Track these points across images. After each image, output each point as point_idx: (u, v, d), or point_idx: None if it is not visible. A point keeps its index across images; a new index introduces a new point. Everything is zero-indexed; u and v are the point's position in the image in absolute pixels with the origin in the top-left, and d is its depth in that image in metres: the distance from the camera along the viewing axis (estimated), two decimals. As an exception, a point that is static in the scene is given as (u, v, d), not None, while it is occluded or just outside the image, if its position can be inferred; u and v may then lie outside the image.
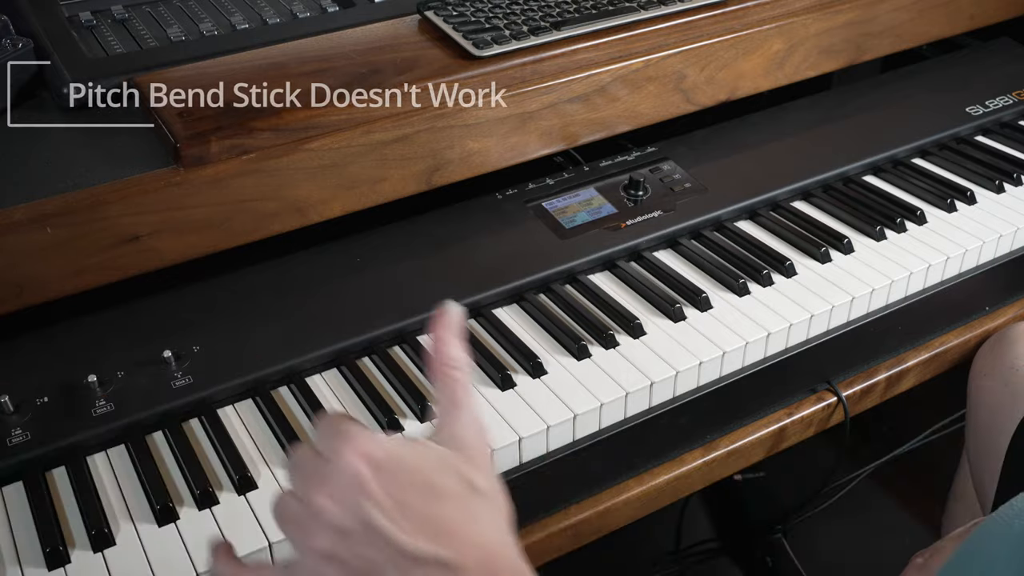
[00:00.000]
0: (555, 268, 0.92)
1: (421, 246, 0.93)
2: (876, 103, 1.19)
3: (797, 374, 0.92)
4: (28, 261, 0.76)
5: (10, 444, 0.72)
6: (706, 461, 0.87)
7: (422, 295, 0.87)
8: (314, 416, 0.77)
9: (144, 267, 0.81)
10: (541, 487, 0.80)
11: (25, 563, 0.67)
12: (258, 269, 0.90)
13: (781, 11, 1.07)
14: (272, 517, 0.51)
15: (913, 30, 1.18)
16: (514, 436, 0.76)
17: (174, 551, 0.68)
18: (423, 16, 0.98)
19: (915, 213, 1.02)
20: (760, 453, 0.91)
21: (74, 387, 0.77)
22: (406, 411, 0.79)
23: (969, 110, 1.18)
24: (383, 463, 0.49)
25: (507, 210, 0.99)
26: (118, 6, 1.01)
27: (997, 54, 1.31)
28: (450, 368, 0.55)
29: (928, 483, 1.60)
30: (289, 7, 1.02)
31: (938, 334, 0.99)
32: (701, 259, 0.95)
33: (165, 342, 0.80)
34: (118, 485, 0.73)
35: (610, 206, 0.99)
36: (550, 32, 0.95)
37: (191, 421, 0.78)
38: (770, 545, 1.47)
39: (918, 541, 1.53)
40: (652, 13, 1.00)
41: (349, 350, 0.83)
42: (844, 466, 1.44)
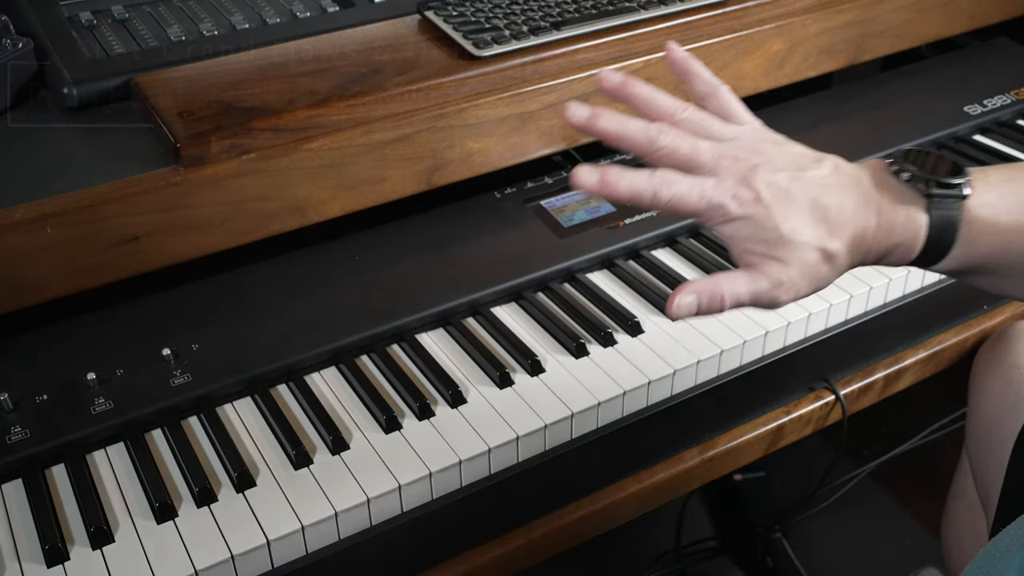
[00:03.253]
0: (554, 267, 0.92)
1: (420, 245, 0.93)
2: (876, 102, 1.19)
3: (795, 372, 0.92)
4: (28, 261, 0.76)
5: (9, 442, 0.73)
6: (704, 459, 0.88)
7: (421, 294, 0.87)
8: (313, 415, 0.78)
9: (144, 267, 0.81)
10: (540, 485, 0.80)
11: (24, 560, 0.67)
12: (258, 268, 0.90)
13: (781, 11, 1.07)
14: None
15: (913, 30, 1.18)
16: (512, 434, 0.76)
17: (173, 548, 0.68)
18: (423, 16, 0.98)
19: (914, 212, 1.02)
20: (758, 451, 0.91)
21: (73, 385, 0.77)
22: (405, 410, 0.79)
23: (967, 109, 1.18)
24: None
25: (506, 209, 0.99)
26: (118, 6, 1.02)
27: (995, 54, 1.31)
28: (716, 86, 0.66)
29: (928, 483, 1.60)
30: (289, 7, 1.02)
31: (936, 333, 0.99)
32: (699, 257, 0.96)
33: (164, 340, 0.80)
34: (117, 483, 0.73)
35: (608, 205, 1.00)
36: (550, 32, 0.96)
37: (190, 419, 0.78)
38: (770, 545, 1.47)
39: (918, 541, 1.54)
40: (652, 13, 1.01)
41: (348, 348, 0.84)
42: (843, 465, 1.44)
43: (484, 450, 0.75)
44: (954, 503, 1.08)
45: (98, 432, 0.75)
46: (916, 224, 0.61)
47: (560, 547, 0.83)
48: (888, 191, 0.61)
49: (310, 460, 0.74)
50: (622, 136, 0.61)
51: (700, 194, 0.59)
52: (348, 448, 0.75)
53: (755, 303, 0.61)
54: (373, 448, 0.75)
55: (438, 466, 0.74)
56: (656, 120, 0.62)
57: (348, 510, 0.71)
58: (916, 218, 0.61)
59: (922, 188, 0.61)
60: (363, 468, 0.74)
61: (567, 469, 0.80)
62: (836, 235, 0.59)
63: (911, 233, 0.61)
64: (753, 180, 0.59)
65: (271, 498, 0.71)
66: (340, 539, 0.72)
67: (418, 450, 0.75)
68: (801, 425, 0.92)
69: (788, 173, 0.60)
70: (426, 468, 0.73)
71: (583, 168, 0.59)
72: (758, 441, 0.90)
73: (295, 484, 0.72)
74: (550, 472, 0.79)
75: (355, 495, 0.71)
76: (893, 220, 0.61)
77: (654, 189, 0.59)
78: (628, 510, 0.85)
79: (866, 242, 0.61)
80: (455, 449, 0.75)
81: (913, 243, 0.61)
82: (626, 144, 0.61)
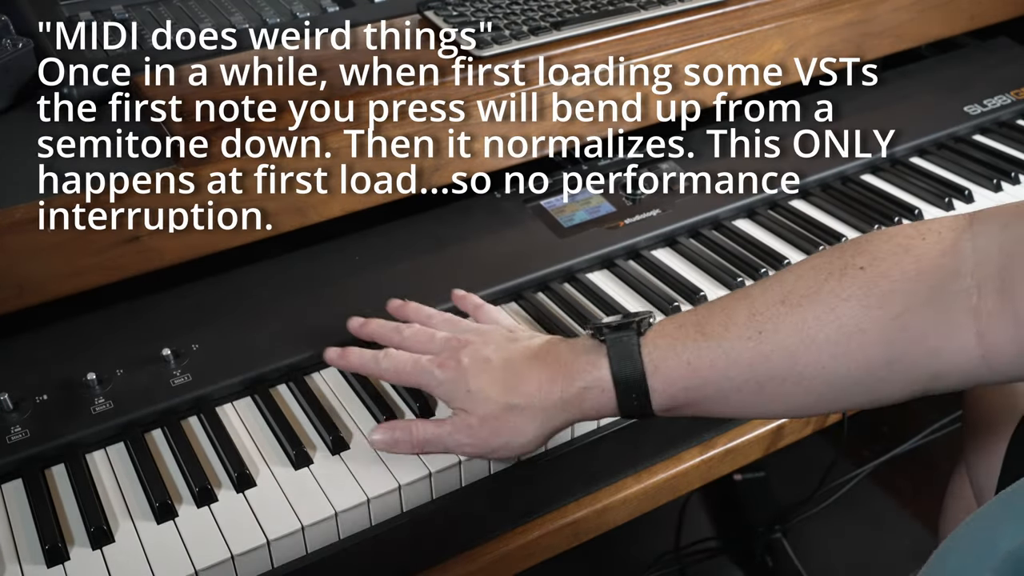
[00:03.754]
0: (554, 267, 0.92)
1: (420, 245, 0.93)
2: (875, 102, 1.19)
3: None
4: (28, 261, 0.76)
5: (9, 442, 0.73)
6: (704, 459, 0.88)
7: (421, 294, 0.87)
8: (313, 415, 0.78)
9: (144, 267, 0.81)
10: (539, 485, 0.80)
11: (24, 560, 0.67)
12: (257, 267, 0.90)
13: (781, 11, 1.07)
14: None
15: (913, 30, 1.18)
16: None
17: (173, 548, 0.68)
18: (423, 16, 0.98)
19: (913, 212, 1.02)
20: (758, 451, 0.91)
21: (73, 385, 0.77)
22: (405, 410, 0.79)
23: (967, 109, 1.18)
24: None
25: (506, 209, 0.99)
26: (118, 6, 1.01)
27: (995, 54, 1.31)
28: (466, 298, 0.85)
29: (928, 483, 1.60)
30: (289, 7, 1.02)
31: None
32: (699, 258, 0.96)
33: (164, 340, 0.80)
34: (117, 483, 0.73)
35: (608, 205, 1.00)
36: (550, 32, 0.96)
37: (190, 419, 0.78)
38: (770, 545, 1.47)
39: (918, 541, 1.55)
40: (652, 13, 1.01)
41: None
42: (843, 465, 1.44)
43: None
44: (951, 503, 1.08)
45: (98, 432, 0.75)
46: (598, 365, 0.68)
47: (560, 547, 0.83)
48: (571, 348, 0.70)
49: (310, 460, 0.74)
50: (377, 339, 0.79)
51: (414, 363, 0.73)
52: (348, 448, 0.75)
53: (442, 443, 0.72)
54: (373, 448, 0.75)
55: (438, 466, 0.74)
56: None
57: (348, 510, 0.71)
58: (598, 361, 0.68)
59: (597, 335, 0.69)
60: (363, 468, 0.73)
61: (567, 469, 0.80)
62: (519, 391, 0.69)
63: (596, 375, 0.68)
64: (460, 352, 0.72)
65: (271, 498, 0.71)
66: (340, 539, 0.72)
67: (418, 450, 0.75)
68: (801, 425, 0.92)
69: (494, 346, 0.72)
70: (426, 468, 0.73)
71: (331, 352, 0.78)
72: (758, 441, 0.90)
73: (295, 484, 0.72)
74: (550, 472, 0.79)
75: (355, 495, 0.71)
76: (574, 366, 0.69)
77: (377, 359, 0.75)
78: (628, 510, 0.85)
79: (554, 392, 0.69)
80: (455, 449, 0.75)
81: (601, 383, 0.68)
82: (383, 341, 0.78)
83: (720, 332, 0.66)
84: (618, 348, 0.67)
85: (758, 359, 0.65)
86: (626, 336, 0.68)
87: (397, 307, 0.83)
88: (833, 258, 0.65)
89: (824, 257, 0.66)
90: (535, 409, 0.69)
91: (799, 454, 1.13)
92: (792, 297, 0.65)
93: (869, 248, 0.64)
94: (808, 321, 0.63)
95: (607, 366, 0.68)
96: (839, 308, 0.63)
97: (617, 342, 0.68)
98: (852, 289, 0.63)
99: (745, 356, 0.65)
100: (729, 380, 0.66)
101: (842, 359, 0.63)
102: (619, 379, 0.67)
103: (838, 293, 0.63)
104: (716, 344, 0.66)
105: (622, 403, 0.68)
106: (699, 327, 0.67)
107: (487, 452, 0.72)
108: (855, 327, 0.62)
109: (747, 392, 0.66)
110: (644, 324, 0.68)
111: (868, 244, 0.65)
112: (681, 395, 0.67)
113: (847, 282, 0.63)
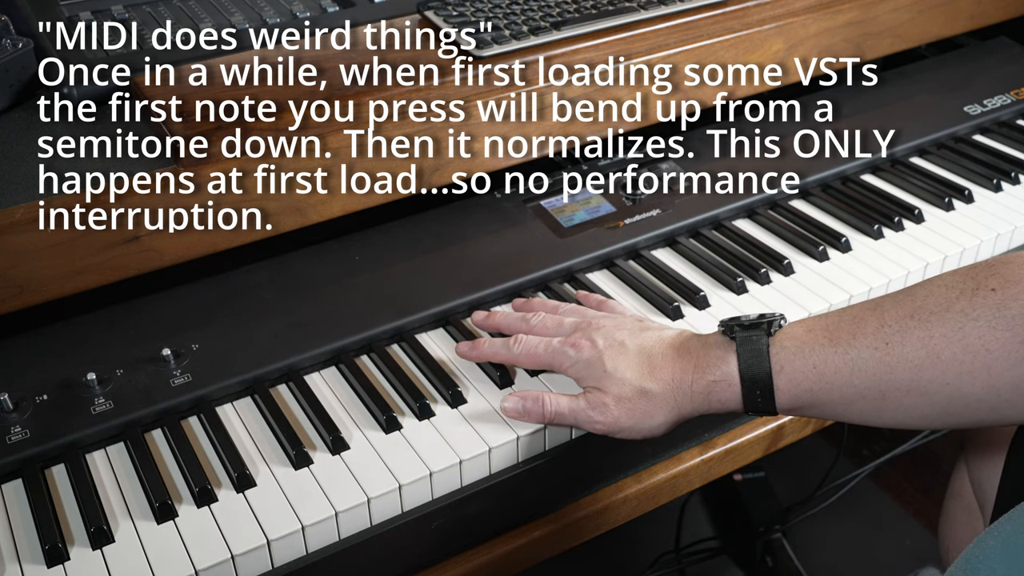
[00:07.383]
0: (554, 267, 0.92)
1: (420, 245, 0.93)
2: (875, 102, 1.19)
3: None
4: (28, 261, 0.76)
5: (10, 442, 0.73)
6: (704, 459, 0.88)
7: (421, 294, 0.87)
8: (313, 415, 0.78)
9: (144, 267, 0.81)
10: (540, 485, 0.80)
11: (24, 560, 0.67)
12: (257, 267, 0.90)
13: (781, 11, 1.07)
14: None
15: (913, 30, 1.18)
16: (512, 435, 0.76)
17: (173, 548, 0.68)
18: (423, 16, 0.98)
19: (913, 212, 1.02)
20: (758, 451, 0.91)
21: (73, 385, 0.77)
22: (404, 409, 0.79)
23: (967, 109, 1.18)
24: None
25: (506, 209, 0.99)
26: (118, 6, 1.02)
27: (995, 54, 1.31)
28: (590, 296, 0.88)
29: (928, 483, 1.60)
30: (289, 7, 1.02)
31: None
32: (699, 258, 0.96)
33: (164, 340, 0.80)
34: (117, 483, 0.73)
35: (608, 205, 1.00)
36: (550, 32, 0.96)
37: (190, 419, 0.78)
38: (770, 545, 1.47)
39: (918, 541, 1.55)
40: (652, 13, 1.01)
41: (348, 348, 0.84)
42: (843, 465, 1.44)
43: (484, 450, 0.75)
44: (951, 504, 1.07)
45: (98, 432, 0.75)
46: (727, 361, 0.71)
47: (560, 547, 0.83)
48: (703, 343, 0.73)
49: (310, 460, 0.74)
50: (504, 328, 0.83)
51: (546, 345, 0.77)
52: (348, 448, 0.75)
53: (574, 417, 0.74)
54: (373, 448, 0.75)
55: (438, 466, 0.74)
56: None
57: (348, 510, 0.71)
58: (727, 357, 0.71)
59: (728, 333, 0.72)
60: (363, 468, 0.74)
61: (567, 469, 0.80)
62: (654, 377, 0.72)
63: (724, 370, 0.71)
64: (593, 334, 0.76)
65: (271, 498, 0.71)
66: (340, 539, 0.72)
67: (418, 450, 0.75)
68: (801, 425, 0.92)
69: (628, 332, 0.76)
70: (426, 468, 0.73)
71: (462, 346, 0.83)
72: (758, 441, 0.90)
73: (295, 484, 0.72)
74: (550, 472, 0.79)
75: (355, 495, 0.71)
76: (705, 359, 0.72)
77: (508, 345, 0.79)
78: (628, 510, 0.85)
79: (685, 382, 0.72)
80: (455, 449, 0.75)
81: (729, 378, 0.71)
82: (511, 330, 0.82)
83: (848, 340, 0.68)
84: (747, 346, 0.70)
85: (883, 369, 0.66)
86: (756, 335, 0.70)
87: (522, 303, 0.87)
88: (967, 277, 0.66)
89: (958, 275, 0.67)
90: (667, 396, 0.72)
91: (799, 454, 1.13)
92: (921, 312, 0.66)
93: (1003, 271, 0.65)
94: (935, 337, 0.65)
95: (735, 362, 0.70)
96: (967, 327, 0.64)
97: (747, 340, 0.70)
98: (982, 310, 0.64)
99: (870, 365, 0.67)
100: (853, 387, 0.68)
101: (967, 377, 0.64)
102: (746, 376, 0.70)
103: (967, 312, 0.64)
104: (843, 351, 0.68)
105: (747, 399, 0.71)
106: (828, 333, 0.69)
107: (616, 431, 0.74)
108: (981, 347, 0.63)
109: (870, 399, 0.68)
110: (775, 325, 0.71)
111: (1003, 266, 0.66)
112: (805, 396, 0.69)
113: (977, 302, 0.64)
